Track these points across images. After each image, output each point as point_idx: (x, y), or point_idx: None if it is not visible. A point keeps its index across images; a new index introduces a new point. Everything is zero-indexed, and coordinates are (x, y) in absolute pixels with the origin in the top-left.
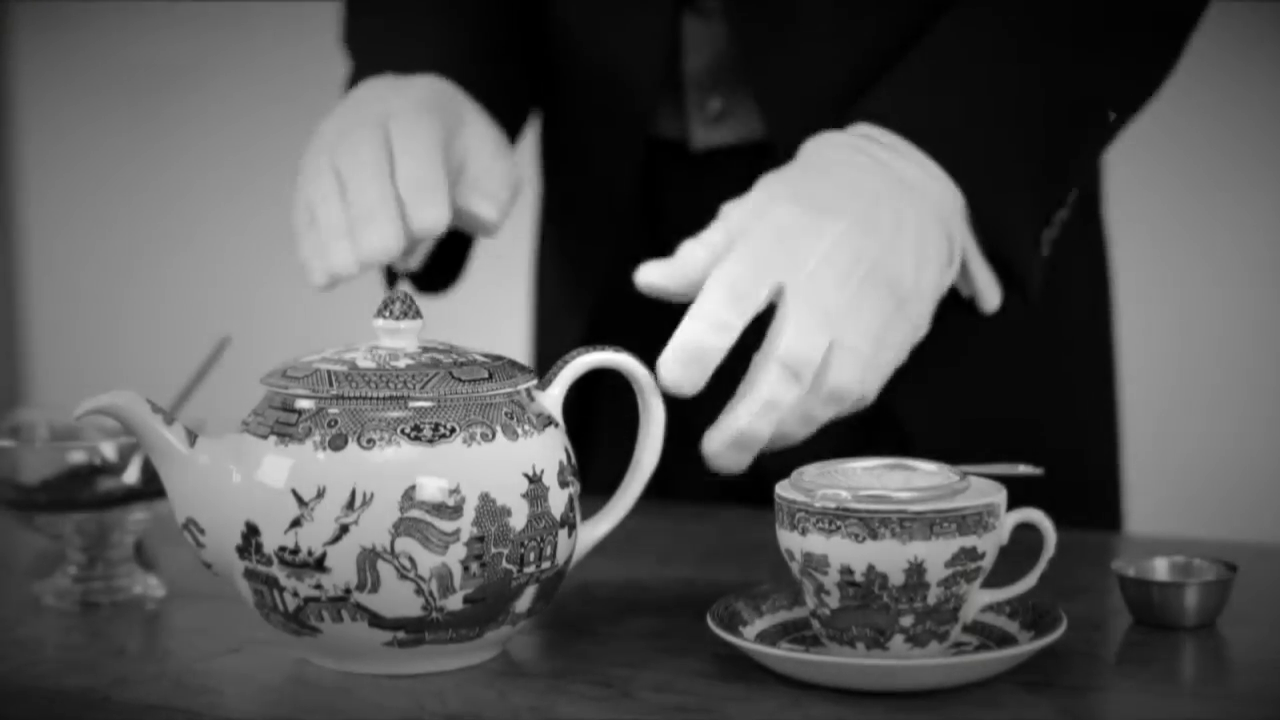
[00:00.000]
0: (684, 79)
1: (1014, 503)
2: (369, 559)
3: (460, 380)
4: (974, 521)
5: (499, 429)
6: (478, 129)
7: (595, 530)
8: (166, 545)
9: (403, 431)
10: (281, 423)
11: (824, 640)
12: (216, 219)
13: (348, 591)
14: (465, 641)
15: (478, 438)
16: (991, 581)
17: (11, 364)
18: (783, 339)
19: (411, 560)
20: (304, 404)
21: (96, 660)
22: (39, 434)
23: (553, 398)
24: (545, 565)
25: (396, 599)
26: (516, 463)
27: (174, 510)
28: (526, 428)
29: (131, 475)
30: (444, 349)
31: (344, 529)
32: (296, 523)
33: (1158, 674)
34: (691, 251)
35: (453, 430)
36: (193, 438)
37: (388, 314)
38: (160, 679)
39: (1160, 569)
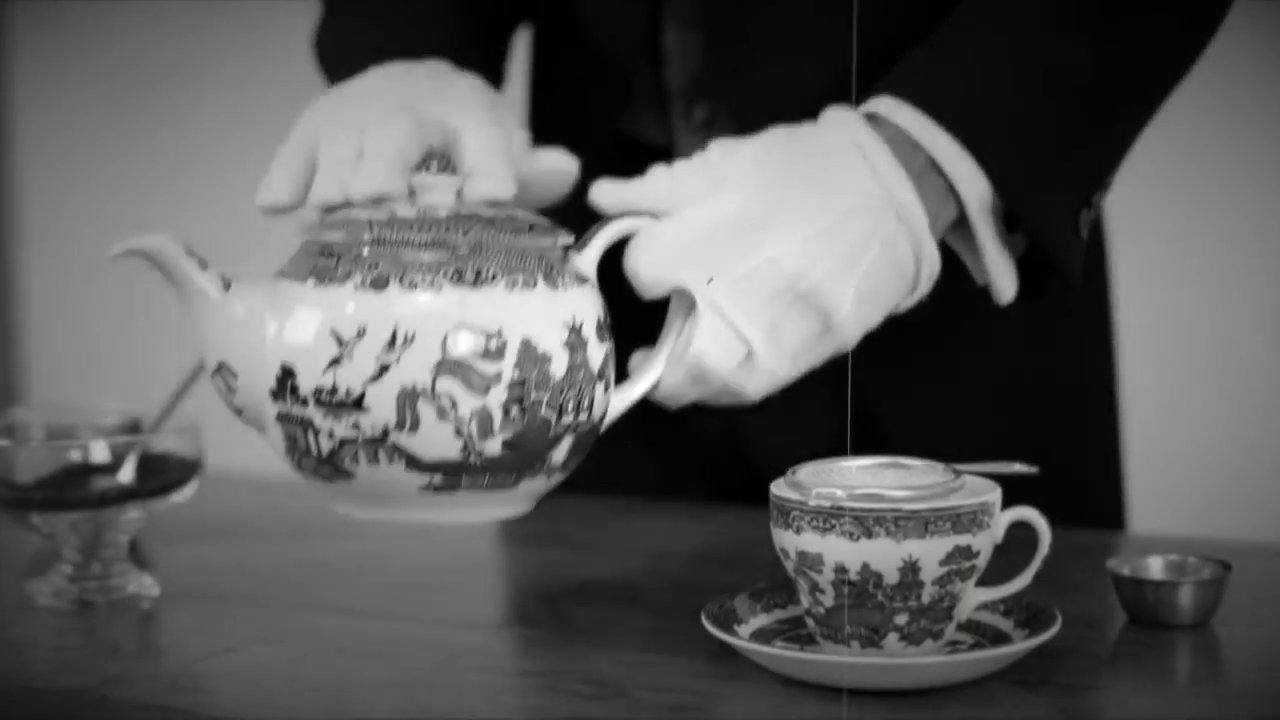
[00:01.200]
0: (669, 88)
1: (1015, 503)
2: (409, 398)
3: (501, 230)
4: (969, 520)
5: (540, 278)
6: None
7: (630, 392)
8: (161, 544)
9: (444, 274)
10: (320, 267)
11: (819, 639)
12: (214, 218)
13: (386, 432)
14: (501, 490)
15: (519, 285)
16: (986, 580)
17: (7, 363)
18: (696, 346)
19: (452, 401)
20: (343, 248)
21: (91, 660)
22: (34, 433)
23: (589, 260)
24: (582, 417)
25: (435, 440)
26: (557, 312)
27: (204, 356)
28: (566, 280)
29: (126, 474)
30: (483, 206)
31: (384, 368)
32: (335, 362)
33: (1152, 673)
34: (656, 181)
35: (494, 276)
36: (226, 283)
37: (426, 169)
38: (155, 678)
39: (1155, 568)
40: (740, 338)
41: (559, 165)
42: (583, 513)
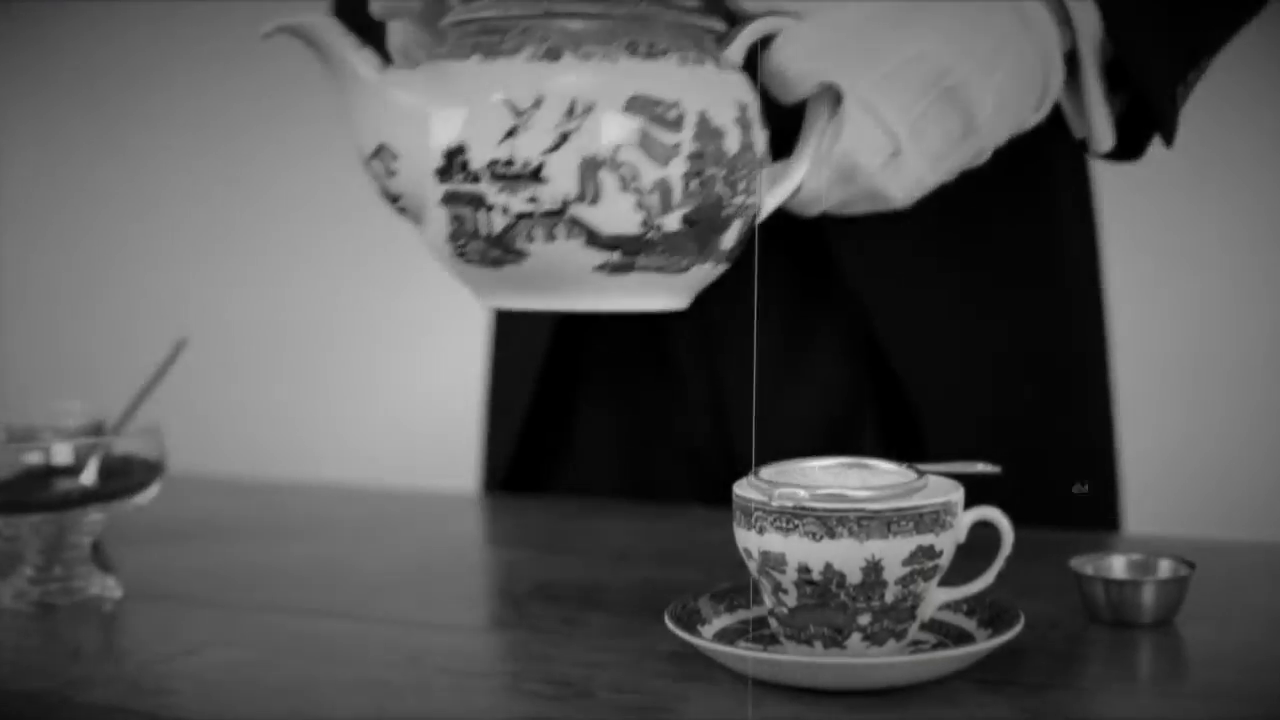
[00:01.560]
0: None
1: (1015, 504)
2: (590, 168)
3: (666, 6)
4: (931, 520)
5: (709, 56)
6: None
7: (778, 190)
8: (124, 546)
9: (617, 45)
10: (484, 43)
11: (782, 639)
12: (178, 221)
13: (565, 205)
14: (670, 274)
15: (690, 60)
16: (949, 579)
17: None
18: (844, 143)
19: (634, 171)
20: (508, 23)
21: (53, 662)
22: None
23: (736, 55)
24: (751, 200)
25: (616, 213)
26: (727, 90)
27: (359, 142)
28: (726, 63)
29: (89, 476)
30: None
31: (564, 136)
32: (511, 133)
33: (1115, 672)
34: None
35: (666, 50)
36: (379, 64)
37: None
38: (117, 680)
39: (1118, 567)
40: (888, 133)
41: None
42: (548, 514)
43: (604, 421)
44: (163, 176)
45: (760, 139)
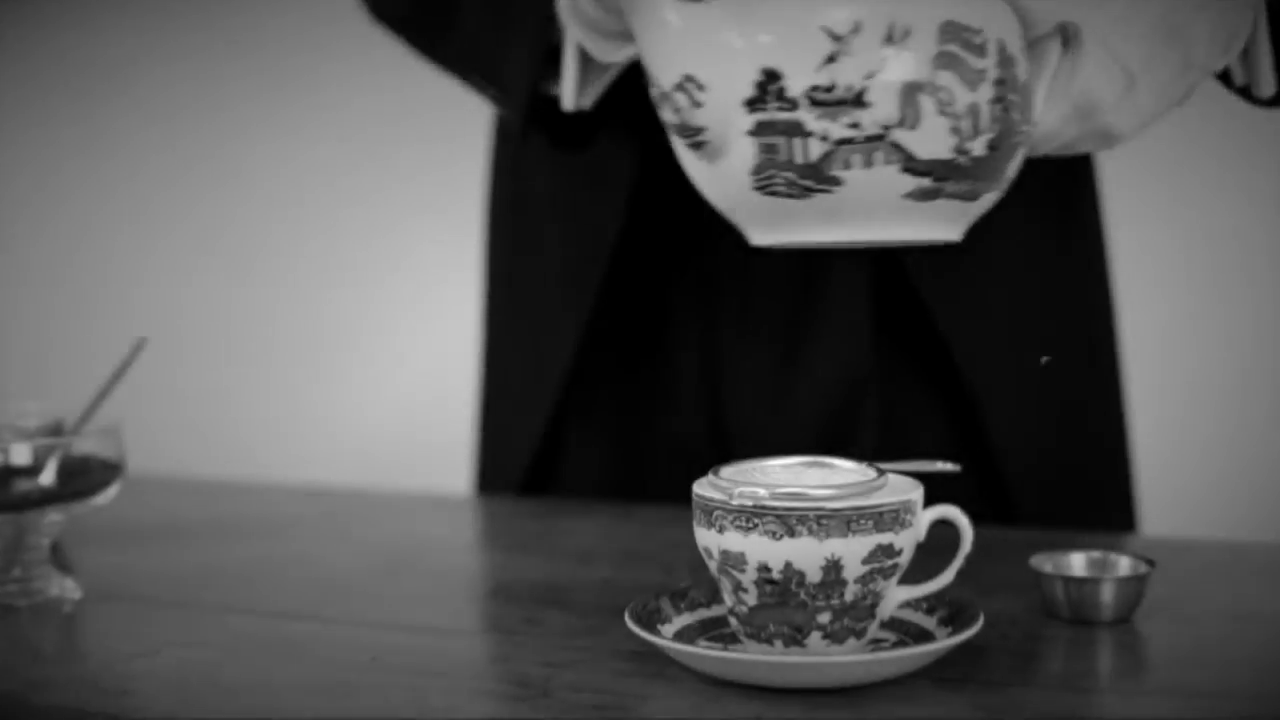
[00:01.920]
0: None
1: (1031, 503)
2: (911, 92)
3: None
4: (891, 518)
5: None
6: None
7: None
8: (83, 547)
9: None
10: None
11: (742, 638)
12: (138, 218)
13: (885, 129)
14: (965, 201)
15: None
16: (910, 578)
17: None
18: (1079, 78)
19: (950, 95)
20: None
21: (13, 663)
22: None
23: None
24: (1029, 129)
25: (932, 137)
26: (1009, 19)
27: (658, 75)
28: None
29: (48, 477)
30: None
31: (884, 60)
32: (831, 59)
33: (1075, 669)
34: None
35: None
36: None
37: None
38: (78, 682)
39: (1077, 565)
40: (1124, 69)
41: None
42: (508, 514)
43: (598, 424)
44: (123, 173)
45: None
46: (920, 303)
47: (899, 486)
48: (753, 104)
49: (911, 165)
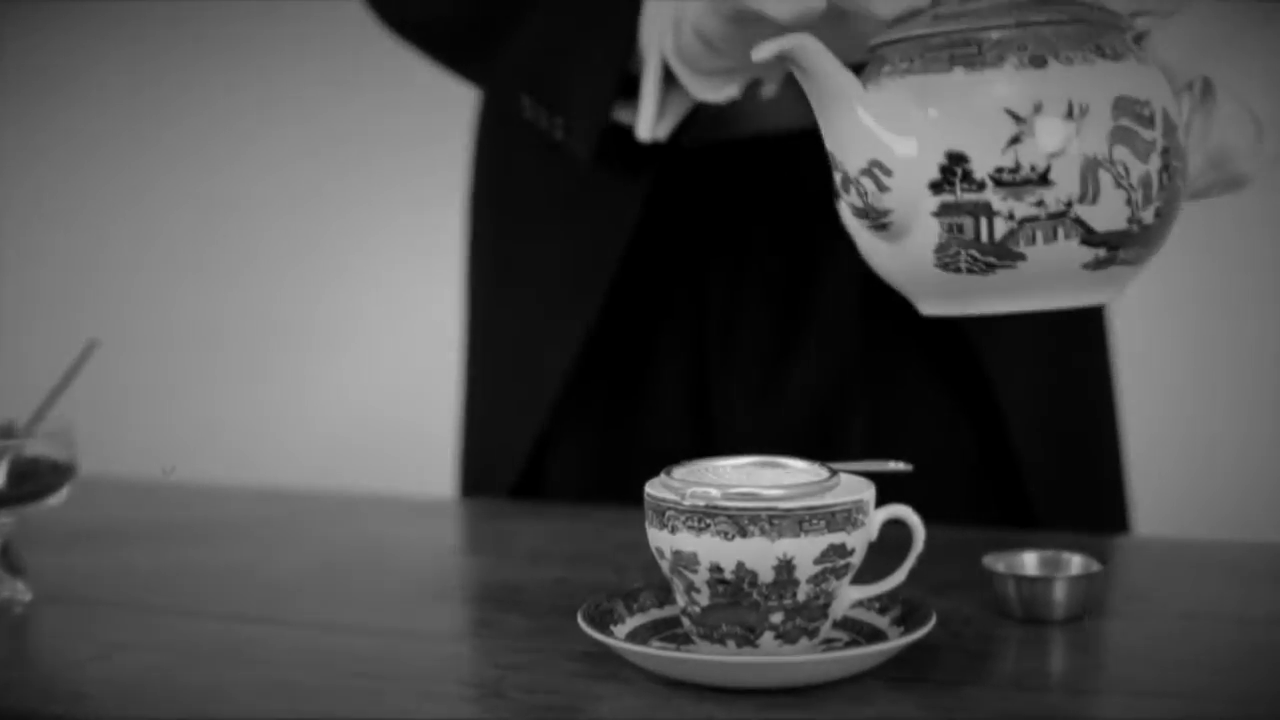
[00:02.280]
0: None
1: (1028, 504)
2: (1092, 168)
3: (1105, 10)
4: (843, 518)
5: (1146, 58)
6: None
7: None
8: (34, 549)
9: (1089, 49)
10: (961, 55)
11: (694, 638)
12: (91, 219)
13: (1068, 205)
14: (1133, 265)
15: (1142, 59)
16: (862, 577)
17: None
18: (1214, 130)
19: (1125, 168)
20: (981, 34)
21: None
22: None
23: None
24: (1185, 188)
25: (1110, 210)
26: (1165, 85)
27: (845, 160)
28: (1145, 56)
29: None
30: None
31: (1067, 140)
32: (1015, 140)
33: (1026, 668)
34: None
35: (1125, 51)
36: (861, 83)
37: None
38: (28, 685)
39: (1029, 564)
40: (1253, 117)
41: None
42: (461, 515)
43: (584, 429)
44: (74, 172)
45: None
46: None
47: (851, 486)
48: (938, 186)
49: (1090, 238)
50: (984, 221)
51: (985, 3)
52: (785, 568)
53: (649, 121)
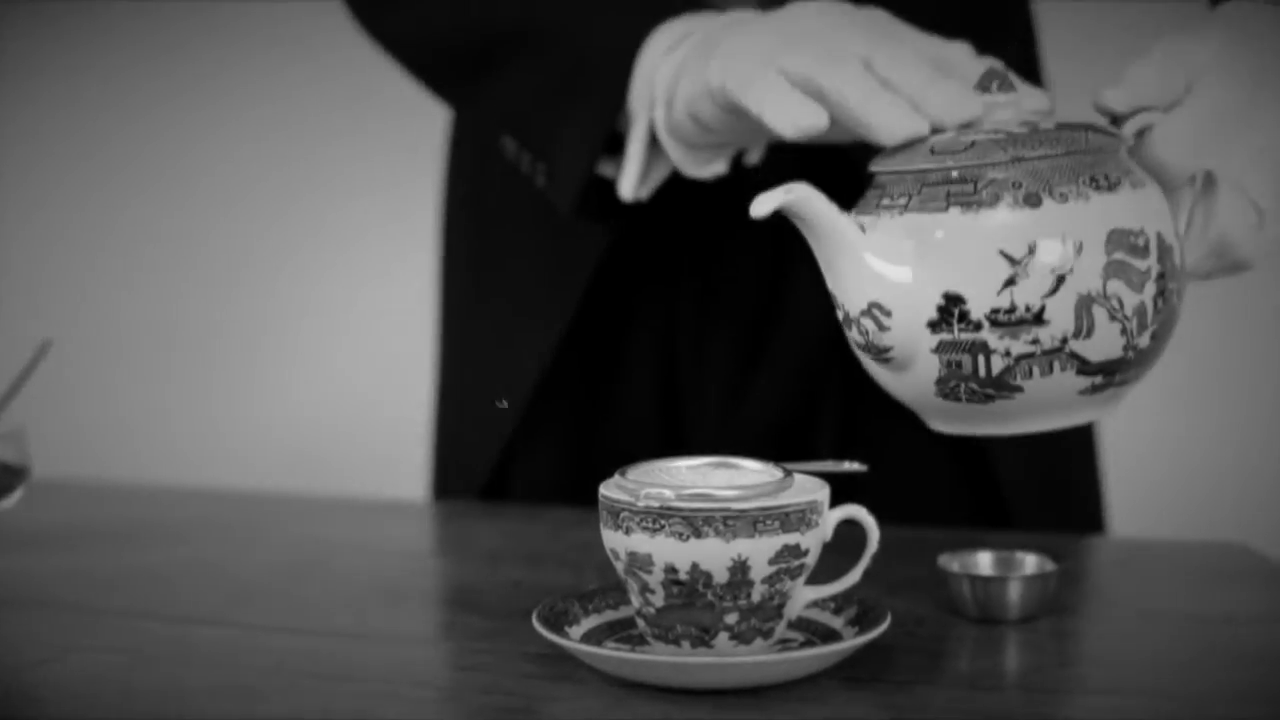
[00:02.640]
0: None
1: (1003, 506)
2: (1085, 305)
3: (1102, 133)
4: (797, 519)
5: (1139, 173)
6: None
7: None
8: None
9: (1083, 182)
10: (957, 193)
11: (649, 639)
12: (40, 221)
13: (1063, 342)
14: (1130, 385)
15: (1136, 183)
16: (818, 578)
17: None
18: (1215, 222)
19: (1119, 301)
20: (976, 171)
21: None
22: None
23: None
24: (1183, 302)
25: (1105, 341)
26: (1161, 204)
27: (843, 301)
28: (1151, 182)
29: None
30: (1045, 120)
31: (1061, 279)
32: (1010, 281)
33: (981, 668)
34: (1142, 73)
35: (1119, 179)
36: (859, 224)
37: (995, 88)
38: None
39: (984, 563)
40: (1255, 207)
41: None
42: (417, 516)
43: (552, 433)
44: (26, 173)
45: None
46: None
47: (805, 487)
48: (936, 326)
49: (1085, 368)
50: (981, 358)
51: (982, 135)
52: (740, 568)
53: (632, 183)
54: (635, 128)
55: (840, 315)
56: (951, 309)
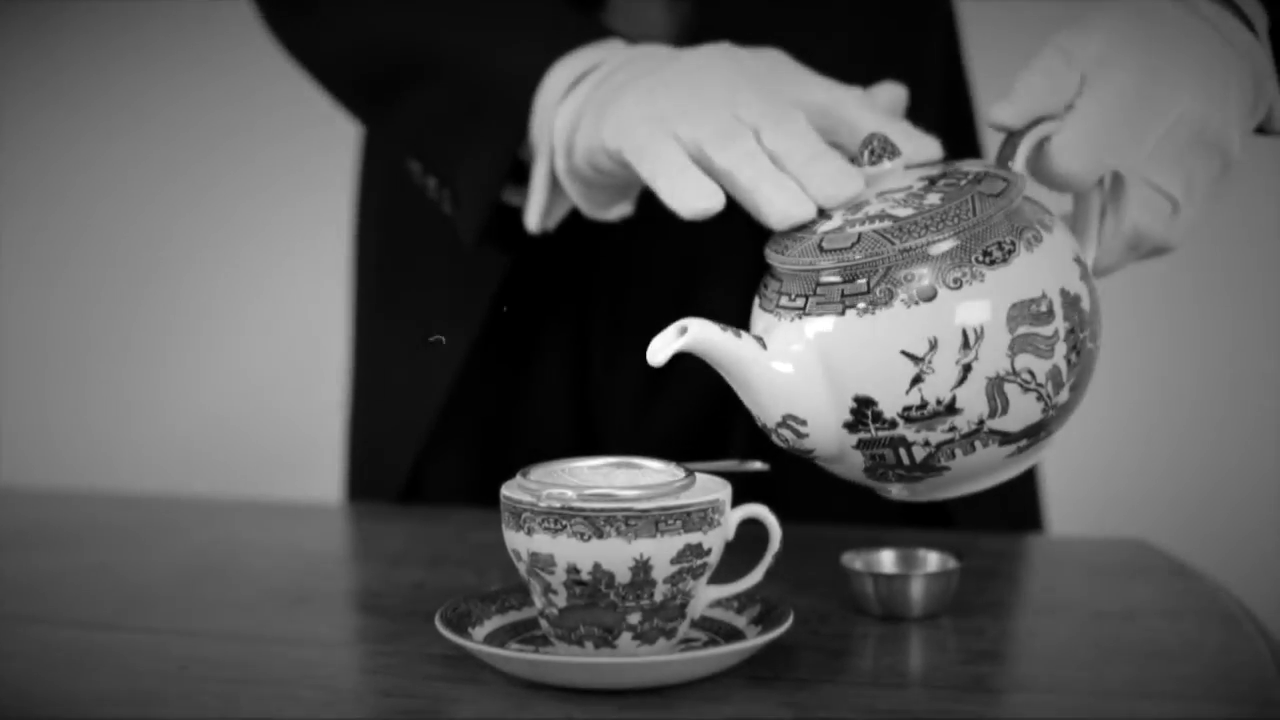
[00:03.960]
0: None
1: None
2: (996, 386)
3: (991, 195)
4: (699, 518)
5: (1038, 225)
6: None
7: None
8: None
9: (975, 260)
10: (850, 293)
11: (553, 639)
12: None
13: (980, 423)
14: (1056, 433)
15: (1033, 241)
16: (722, 577)
17: None
18: (1127, 219)
19: (1030, 373)
20: (867, 268)
21: None
22: None
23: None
24: (1097, 341)
25: (1022, 413)
26: (1064, 250)
27: (763, 416)
28: (1048, 219)
29: None
30: (934, 169)
31: (967, 368)
32: (917, 379)
33: (884, 666)
34: (1031, 84)
35: (1013, 244)
36: (760, 341)
37: (874, 157)
38: None
39: (886, 561)
40: (1166, 196)
41: (898, 95)
42: (321, 519)
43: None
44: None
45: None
46: None
47: (707, 486)
48: (853, 427)
49: (1008, 439)
50: (903, 450)
51: (868, 226)
52: (642, 568)
53: (537, 217)
54: (538, 165)
55: (759, 424)
56: (864, 410)
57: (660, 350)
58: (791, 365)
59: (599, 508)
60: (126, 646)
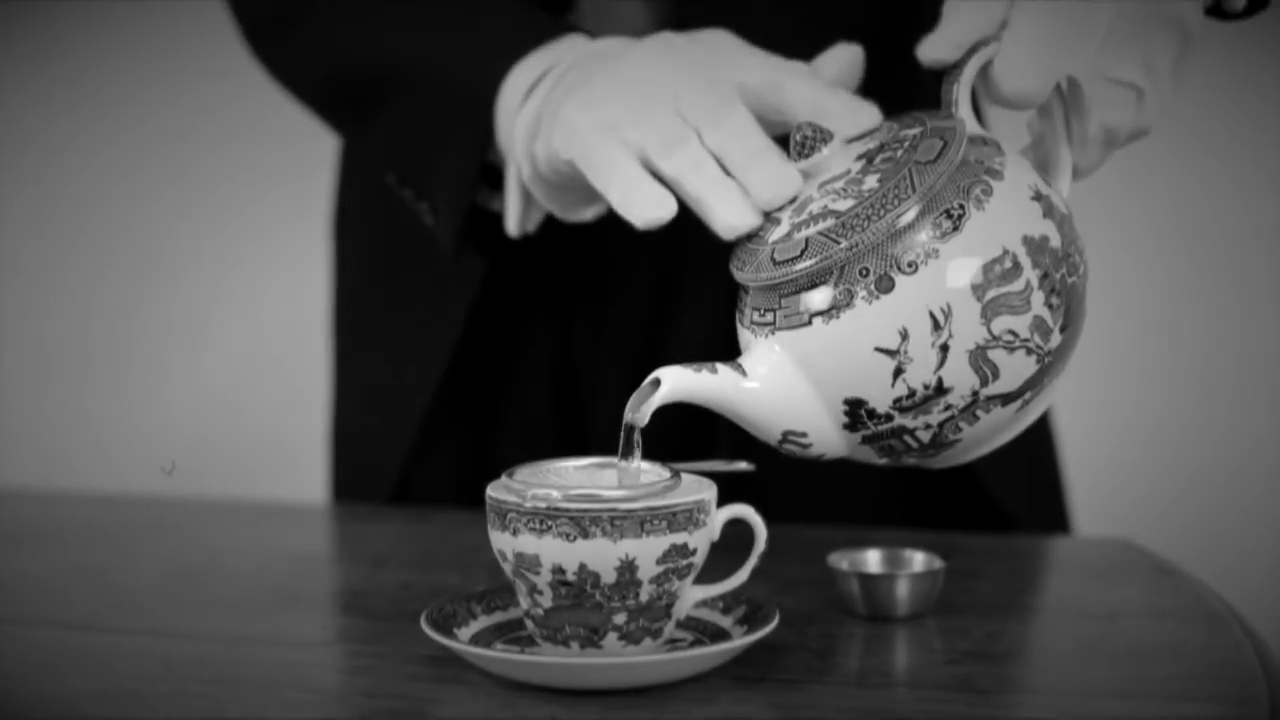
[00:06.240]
0: None
1: (972, 508)
2: (979, 356)
3: (928, 161)
4: (685, 518)
5: (985, 170)
6: None
7: (1062, 184)
8: None
9: (933, 234)
10: (812, 300)
11: (538, 640)
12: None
13: (975, 393)
14: (1060, 375)
15: (989, 192)
16: (708, 577)
17: None
18: (1092, 119)
19: (1013, 332)
20: (822, 272)
21: None
22: None
23: (967, 106)
24: (1087, 259)
25: (1015, 370)
26: (1021, 188)
27: (762, 436)
28: (998, 161)
29: None
30: (873, 139)
31: (945, 349)
32: (899, 371)
33: (870, 666)
34: (958, 10)
35: (963, 208)
36: (738, 367)
37: (805, 151)
38: None
39: (872, 561)
40: (1129, 86)
41: (849, 57)
42: (305, 520)
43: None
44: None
45: (1060, 186)
46: None
47: (692, 486)
48: (851, 427)
49: (1009, 398)
50: (907, 437)
51: (813, 229)
52: (627, 568)
53: (515, 221)
54: (509, 170)
55: (770, 442)
56: (857, 411)
57: (639, 410)
58: (774, 384)
59: (584, 508)
60: (110, 647)
